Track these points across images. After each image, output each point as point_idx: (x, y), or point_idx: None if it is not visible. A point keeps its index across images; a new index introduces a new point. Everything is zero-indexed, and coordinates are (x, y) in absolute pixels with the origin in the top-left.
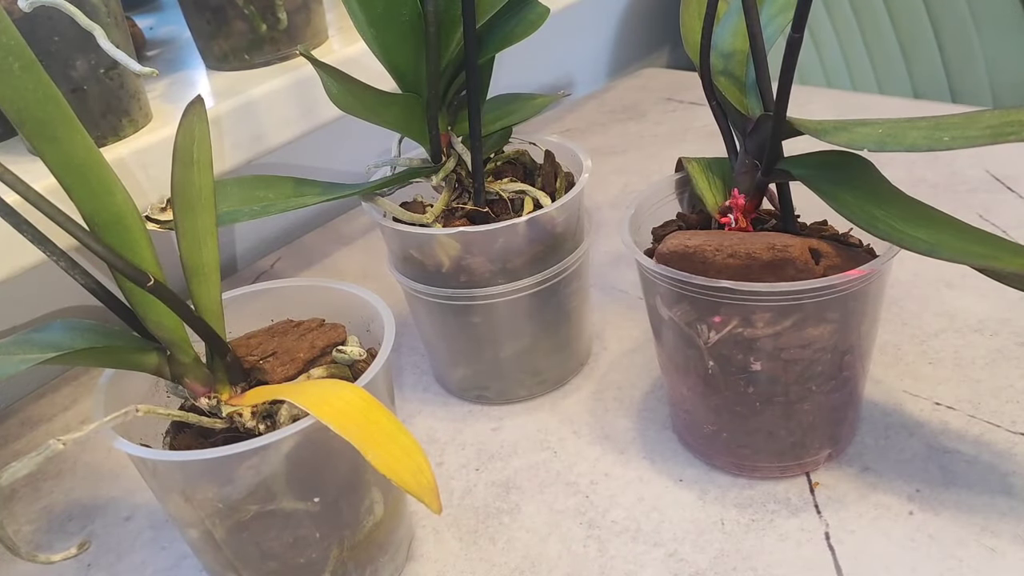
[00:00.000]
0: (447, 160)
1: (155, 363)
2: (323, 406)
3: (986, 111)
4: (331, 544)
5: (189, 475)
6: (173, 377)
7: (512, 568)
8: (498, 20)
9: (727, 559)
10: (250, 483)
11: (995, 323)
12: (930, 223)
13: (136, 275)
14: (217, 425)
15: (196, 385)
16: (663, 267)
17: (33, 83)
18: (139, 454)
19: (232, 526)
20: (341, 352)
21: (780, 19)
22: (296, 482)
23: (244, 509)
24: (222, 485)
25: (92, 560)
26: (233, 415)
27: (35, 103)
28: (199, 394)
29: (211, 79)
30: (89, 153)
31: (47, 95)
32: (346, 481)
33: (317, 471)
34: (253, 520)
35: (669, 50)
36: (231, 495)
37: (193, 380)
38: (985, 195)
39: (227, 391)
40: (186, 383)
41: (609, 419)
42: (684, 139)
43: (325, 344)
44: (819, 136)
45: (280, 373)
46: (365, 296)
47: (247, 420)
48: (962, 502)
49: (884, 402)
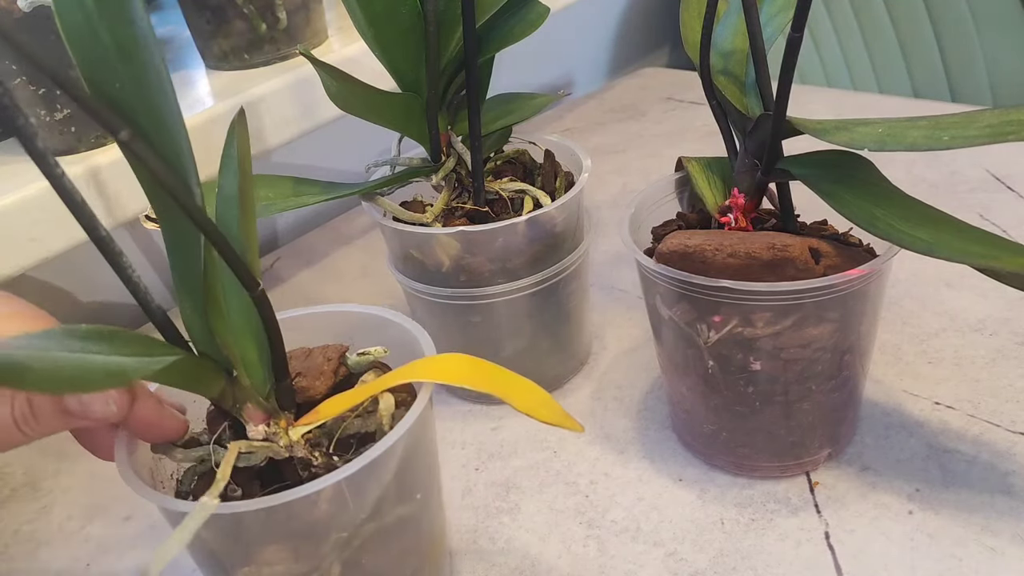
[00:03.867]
0: (447, 159)
1: (221, 386)
2: (445, 374)
3: (986, 110)
4: (425, 545)
5: (310, 510)
6: (233, 402)
7: (512, 568)
8: (498, 19)
9: (727, 559)
10: (373, 496)
11: (995, 323)
12: (930, 222)
13: (249, 280)
14: (282, 454)
15: (257, 412)
16: (663, 267)
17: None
18: (258, 506)
19: (348, 559)
20: (366, 354)
21: (780, 18)
22: (402, 482)
23: (360, 533)
24: (342, 509)
25: (92, 560)
26: (293, 445)
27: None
28: (258, 421)
29: (210, 79)
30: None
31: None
32: (432, 469)
33: (414, 465)
34: (368, 543)
35: (669, 49)
36: (356, 517)
37: (256, 406)
38: (985, 194)
39: (283, 418)
40: (246, 410)
41: (609, 419)
42: (684, 138)
43: (337, 355)
44: (819, 136)
45: (320, 386)
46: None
47: (301, 448)
48: (962, 502)
49: (884, 402)
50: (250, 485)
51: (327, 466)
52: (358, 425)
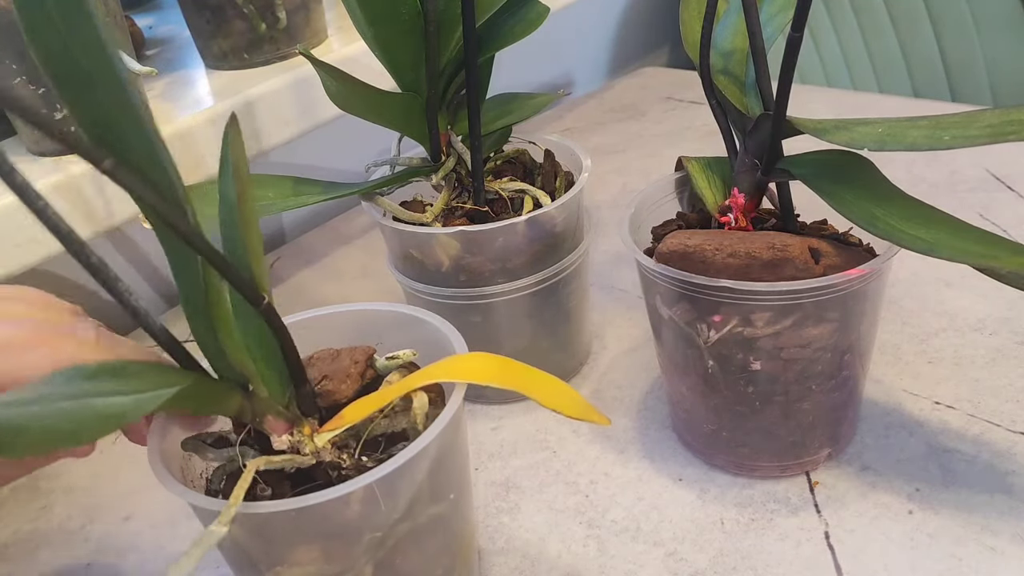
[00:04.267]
0: (447, 159)
1: (238, 403)
2: (470, 374)
3: (986, 110)
4: (456, 544)
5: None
6: (253, 416)
7: (512, 568)
8: (498, 19)
9: (727, 558)
10: (407, 496)
11: (995, 322)
12: (930, 222)
13: (253, 296)
14: (308, 463)
15: (279, 423)
16: (663, 266)
17: None
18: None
19: (382, 559)
20: (394, 358)
21: (780, 18)
22: (435, 482)
23: (394, 533)
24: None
25: (92, 560)
26: (320, 451)
27: None
28: (281, 432)
29: (210, 78)
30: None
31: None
32: (464, 469)
33: (448, 465)
34: (401, 544)
35: (669, 49)
36: (389, 517)
37: (277, 417)
38: (985, 194)
39: (307, 425)
40: (268, 421)
41: (609, 418)
42: (684, 138)
43: (365, 357)
44: (819, 135)
45: (345, 390)
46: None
47: (328, 453)
48: (961, 501)
49: (884, 401)
50: (280, 485)
51: (357, 467)
52: (385, 425)
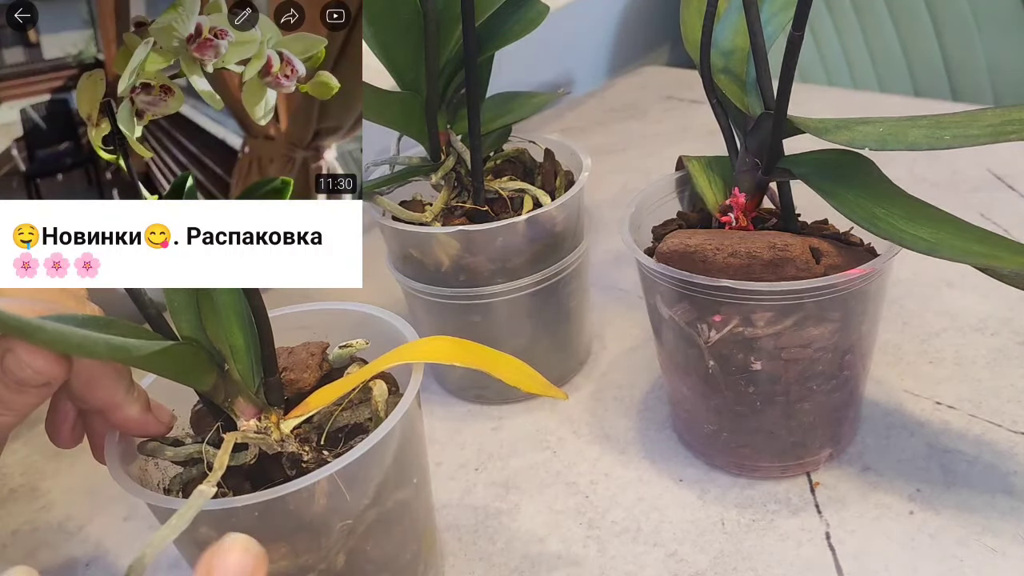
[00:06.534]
0: (446, 159)
1: (213, 379)
2: (430, 354)
3: (987, 110)
4: (421, 527)
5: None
6: (225, 396)
7: (512, 568)
8: (497, 18)
9: (727, 559)
10: (375, 482)
11: (996, 322)
12: (931, 222)
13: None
14: (274, 448)
15: (248, 407)
16: (663, 266)
17: None
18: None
19: (353, 547)
20: (348, 346)
21: (781, 17)
22: (400, 467)
23: (364, 519)
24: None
25: (92, 560)
26: (284, 439)
27: None
28: (249, 416)
29: None
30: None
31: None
32: (422, 453)
33: (409, 450)
34: (370, 530)
35: (669, 48)
36: (357, 504)
37: (246, 401)
38: (986, 194)
39: (273, 414)
40: (237, 404)
41: (609, 419)
42: (684, 137)
43: (320, 350)
44: (820, 135)
45: (308, 378)
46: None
47: (292, 444)
48: (963, 502)
49: (885, 402)
50: (240, 486)
51: (318, 461)
52: (347, 418)
